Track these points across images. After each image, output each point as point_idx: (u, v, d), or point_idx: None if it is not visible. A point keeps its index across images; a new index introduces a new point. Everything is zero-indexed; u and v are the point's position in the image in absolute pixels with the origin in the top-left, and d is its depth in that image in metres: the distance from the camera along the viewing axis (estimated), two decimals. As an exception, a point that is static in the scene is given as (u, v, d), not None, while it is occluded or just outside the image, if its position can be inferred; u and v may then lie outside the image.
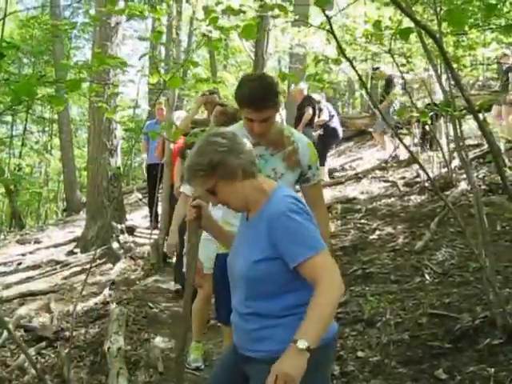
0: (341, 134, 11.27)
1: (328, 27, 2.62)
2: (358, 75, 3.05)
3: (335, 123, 11.02)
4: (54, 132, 23.61)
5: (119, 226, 9.10)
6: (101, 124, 9.03)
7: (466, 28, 5.34)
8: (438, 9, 3.79)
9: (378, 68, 11.35)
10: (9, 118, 21.82)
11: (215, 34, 3.77)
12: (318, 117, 10.75)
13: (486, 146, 8.37)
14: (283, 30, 9.79)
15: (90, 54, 21.80)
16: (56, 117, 19.36)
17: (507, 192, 3.08)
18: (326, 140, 10.88)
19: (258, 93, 2.92)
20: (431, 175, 8.27)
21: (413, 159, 7.61)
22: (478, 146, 9.12)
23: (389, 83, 11.06)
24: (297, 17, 7.58)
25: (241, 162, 2.27)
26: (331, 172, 11.48)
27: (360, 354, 4.18)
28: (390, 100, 10.93)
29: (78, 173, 20.53)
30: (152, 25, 19.47)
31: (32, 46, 19.71)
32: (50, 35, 16.08)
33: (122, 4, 8.53)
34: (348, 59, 2.83)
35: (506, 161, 7.57)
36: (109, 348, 4.64)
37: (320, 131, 10.84)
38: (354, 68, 2.93)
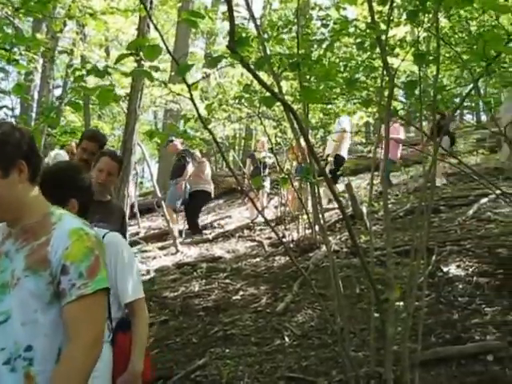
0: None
1: (190, 93, 2.61)
2: (215, 140, 3.05)
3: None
4: None
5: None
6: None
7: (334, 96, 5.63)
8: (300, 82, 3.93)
9: (171, 141, 11.05)
10: None
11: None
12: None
13: (350, 208, 8.67)
14: (160, 85, 9.80)
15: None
16: None
17: (359, 257, 3.18)
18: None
19: None
20: (297, 236, 8.45)
21: (274, 221, 7.73)
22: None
23: (181, 159, 10.94)
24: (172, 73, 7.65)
25: None
26: (203, 228, 11.42)
27: (216, 419, 4.11)
28: (184, 178, 10.91)
29: None
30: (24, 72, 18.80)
31: None
32: None
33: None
34: (206, 127, 2.85)
35: (368, 224, 7.83)
36: None
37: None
38: (211, 133, 2.93)
